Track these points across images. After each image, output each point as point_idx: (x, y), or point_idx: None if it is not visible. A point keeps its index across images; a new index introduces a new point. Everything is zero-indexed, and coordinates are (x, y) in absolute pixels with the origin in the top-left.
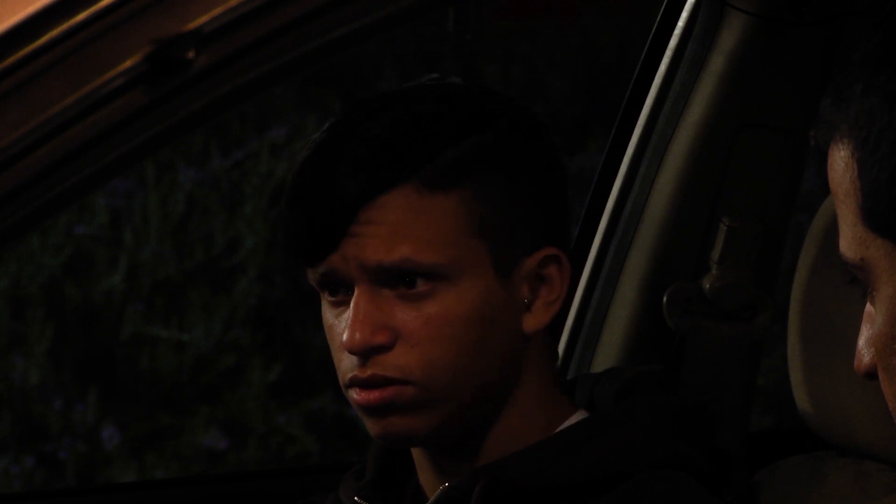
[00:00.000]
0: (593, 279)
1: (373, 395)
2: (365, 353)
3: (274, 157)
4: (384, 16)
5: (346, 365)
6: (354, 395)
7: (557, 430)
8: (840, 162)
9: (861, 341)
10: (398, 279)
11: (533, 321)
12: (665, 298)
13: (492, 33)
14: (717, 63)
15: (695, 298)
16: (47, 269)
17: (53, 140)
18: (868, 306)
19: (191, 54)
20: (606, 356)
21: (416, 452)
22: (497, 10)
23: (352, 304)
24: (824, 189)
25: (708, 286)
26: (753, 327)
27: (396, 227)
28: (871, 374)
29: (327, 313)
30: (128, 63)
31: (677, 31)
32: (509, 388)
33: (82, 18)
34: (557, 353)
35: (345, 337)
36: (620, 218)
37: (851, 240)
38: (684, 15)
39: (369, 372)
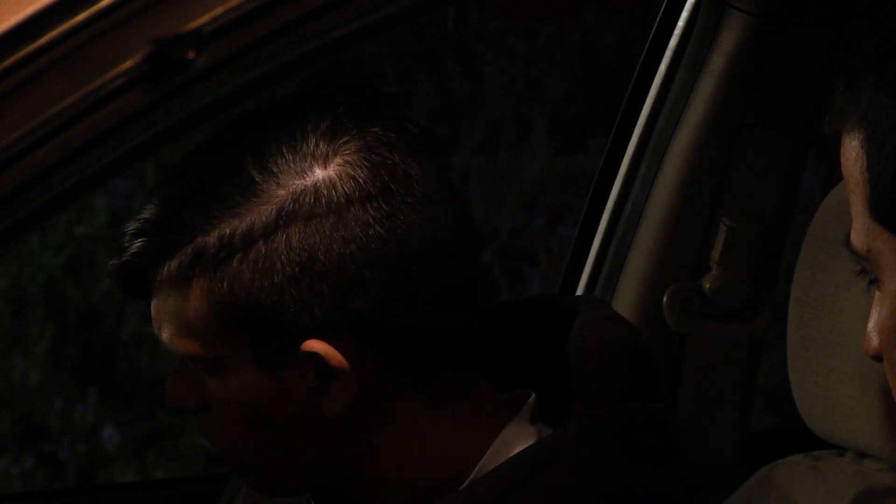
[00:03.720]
0: (593, 279)
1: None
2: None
3: None
4: (384, 16)
5: None
6: None
7: (481, 464)
8: (851, 151)
9: (870, 324)
10: None
11: (331, 405)
12: (665, 298)
13: (492, 33)
14: (717, 63)
15: (695, 298)
16: (47, 269)
17: (53, 140)
18: (877, 291)
19: (191, 54)
20: None
21: None
22: (497, 10)
23: None
24: (824, 189)
25: (708, 286)
26: (753, 327)
27: (156, 310)
28: (879, 358)
29: None
30: (128, 63)
31: (677, 31)
32: (363, 447)
33: (82, 18)
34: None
35: None
36: (620, 218)
37: (860, 230)
38: (684, 15)
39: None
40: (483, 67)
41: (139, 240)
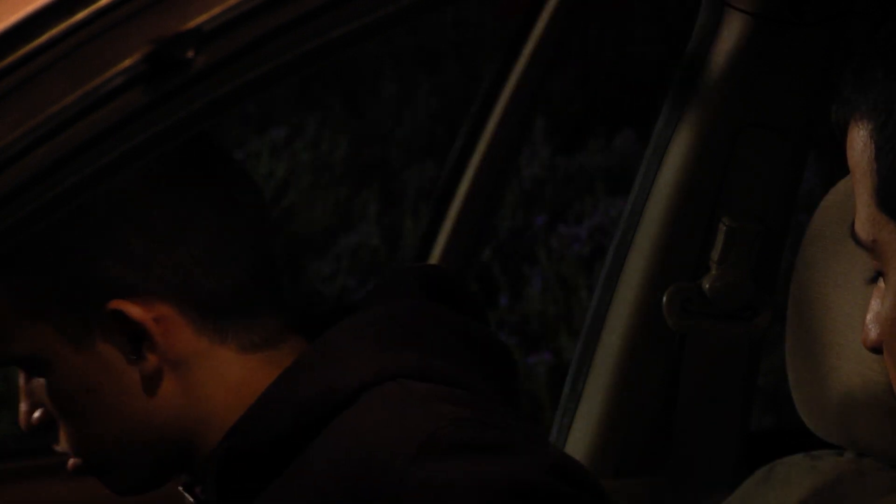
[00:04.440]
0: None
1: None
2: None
3: (274, 157)
4: (384, 16)
5: None
6: None
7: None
8: (859, 141)
9: (869, 317)
10: None
11: (147, 366)
12: (665, 298)
13: (492, 33)
14: (717, 63)
15: (695, 298)
16: None
17: (53, 140)
18: (879, 283)
19: (191, 54)
20: (606, 356)
21: None
22: (497, 10)
23: None
24: (824, 189)
25: (708, 286)
26: (753, 327)
27: None
28: (877, 349)
29: None
30: (128, 63)
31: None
32: (191, 405)
33: (82, 18)
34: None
35: None
36: (620, 218)
37: (865, 220)
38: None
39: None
40: (483, 67)
41: None
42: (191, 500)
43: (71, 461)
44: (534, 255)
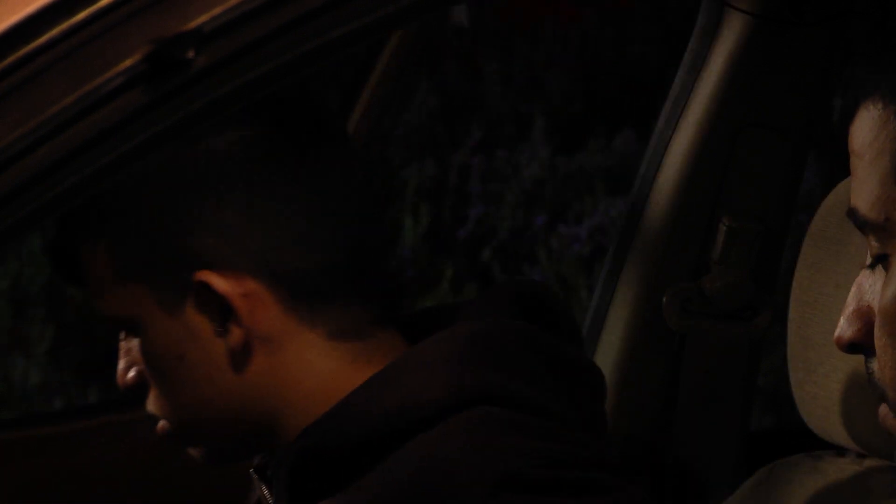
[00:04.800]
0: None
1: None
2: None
3: None
4: (384, 16)
5: None
6: None
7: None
8: (876, 121)
9: (844, 317)
10: None
11: (233, 340)
12: (665, 298)
13: (492, 33)
14: (717, 63)
15: (695, 298)
16: (47, 269)
17: (53, 140)
18: (860, 277)
19: (191, 54)
20: (606, 356)
21: None
22: (497, 10)
23: None
24: (824, 189)
25: (708, 286)
26: (753, 327)
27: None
28: (854, 346)
29: None
30: (128, 63)
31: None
32: (272, 385)
33: (82, 18)
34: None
35: None
36: (620, 218)
37: (877, 199)
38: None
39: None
40: (483, 66)
41: (61, 226)
42: (260, 482)
43: (160, 423)
44: (534, 255)
